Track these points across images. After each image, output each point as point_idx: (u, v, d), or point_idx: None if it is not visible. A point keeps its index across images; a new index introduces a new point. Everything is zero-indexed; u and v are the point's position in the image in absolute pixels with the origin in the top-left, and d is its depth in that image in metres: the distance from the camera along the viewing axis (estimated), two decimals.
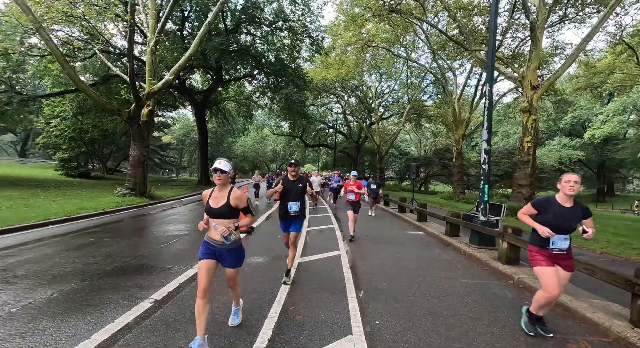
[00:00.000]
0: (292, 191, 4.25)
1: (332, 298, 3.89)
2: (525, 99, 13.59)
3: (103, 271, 4.62)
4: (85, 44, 16.29)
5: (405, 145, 54.21)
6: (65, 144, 22.77)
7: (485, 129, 6.44)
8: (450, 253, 6.46)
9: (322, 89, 32.42)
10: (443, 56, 24.66)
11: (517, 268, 5.06)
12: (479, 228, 6.29)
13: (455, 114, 24.40)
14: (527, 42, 18.59)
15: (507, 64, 15.33)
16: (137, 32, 18.89)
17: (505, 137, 47.13)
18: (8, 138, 44.87)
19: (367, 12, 19.70)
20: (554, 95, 23.65)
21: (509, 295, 4.16)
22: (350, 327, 3.14)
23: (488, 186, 6.46)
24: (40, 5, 11.72)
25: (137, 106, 13.83)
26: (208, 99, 26.76)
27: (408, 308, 3.66)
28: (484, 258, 5.67)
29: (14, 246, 5.96)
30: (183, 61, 14.27)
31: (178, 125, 53.01)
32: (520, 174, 13.79)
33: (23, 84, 18.00)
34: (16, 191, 13.29)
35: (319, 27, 23.93)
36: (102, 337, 2.81)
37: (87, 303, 3.51)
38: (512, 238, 5.08)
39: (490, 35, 6.47)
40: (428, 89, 34.82)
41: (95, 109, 20.36)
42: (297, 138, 42.60)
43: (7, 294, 3.70)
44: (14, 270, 4.58)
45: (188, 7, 20.85)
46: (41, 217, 8.30)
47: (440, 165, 36.11)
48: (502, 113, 35.86)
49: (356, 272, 4.96)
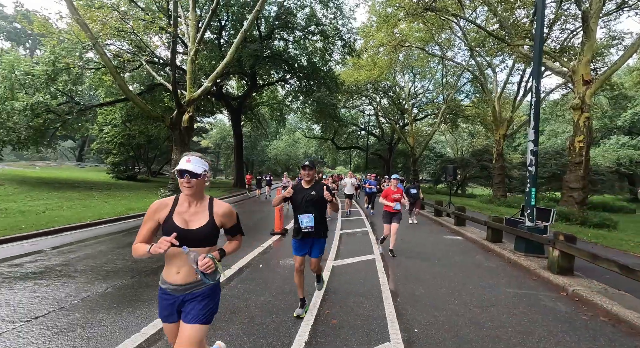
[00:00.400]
0: (303, 200, 3.27)
1: (368, 303, 3.82)
2: (576, 96, 12.53)
3: (150, 269, 4.92)
4: (133, 56, 17.62)
5: (440, 146, 52.26)
6: (116, 149, 24.72)
7: (531, 128, 6.01)
8: (493, 260, 6.09)
9: (353, 91, 32.25)
10: (482, 53, 23.49)
11: (571, 278, 4.64)
12: (525, 235, 5.87)
13: (495, 113, 23.11)
14: (577, 34, 17.16)
15: (554, 58, 14.24)
16: (179, 42, 20.08)
17: (552, 136, 43.79)
18: (68, 144, 49.58)
19: (400, 12, 19.33)
20: (610, 90, 21.58)
21: (562, 308, 3.82)
22: (387, 334, 3.06)
23: (535, 189, 6.02)
24: (97, 23, 12.87)
25: (178, 112, 14.67)
26: (243, 104, 27.70)
27: (448, 316, 3.50)
28: (531, 267, 5.27)
29: (73, 243, 6.55)
30: (221, 69, 14.92)
31: (215, 130, 55.44)
32: (571, 177, 12.71)
33: (81, 95, 19.82)
34: (75, 193, 14.61)
35: (350, 30, 23.90)
36: (150, 331, 2.99)
37: (137, 299, 3.75)
38: (564, 246, 4.68)
39: (537, 27, 6.05)
40: (465, 88, 33.34)
41: (142, 116, 21.89)
42: (328, 141, 42.68)
43: (69, 287, 4.06)
44: (75, 264, 5.02)
45: (225, 17, 21.78)
46: (96, 217, 9.05)
47: (478, 167, 34.30)
48: (548, 111, 33.36)
49: (392, 277, 4.84)
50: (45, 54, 15.26)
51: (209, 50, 21.91)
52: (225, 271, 4.90)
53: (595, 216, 11.76)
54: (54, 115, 15.53)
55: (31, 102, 14.11)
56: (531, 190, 6.05)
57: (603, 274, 4.94)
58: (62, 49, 14.93)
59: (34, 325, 3.04)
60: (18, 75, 14.26)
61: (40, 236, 6.87)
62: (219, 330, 3.03)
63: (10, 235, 6.49)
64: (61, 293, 3.85)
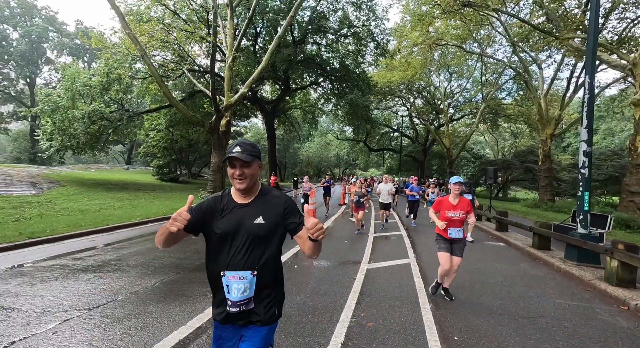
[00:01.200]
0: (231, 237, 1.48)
1: (404, 307, 3.75)
2: (637, 90, 11.37)
3: (193, 266, 5.21)
4: (176, 65, 18.79)
5: (479, 148, 49.80)
6: (160, 153, 26.43)
7: (584, 128, 5.56)
8: (540, 269, 5.70)
9: (386, 92, 31.77)
10: (525, 48, 22.09)
11: (634, 291, 4.21)
12: (578, 242, 5.43)
13: (541, 111, 21.60)
14: (639, 23, 15.58)
15: (611, 50, 13.04)
16: (217, 50, 21.09)
17: (608, 135, 40.03)
18: (118, 148, 53.86)
19: (435, 10, 18.78)
20: None
21: (623, 324, 3.48)
22: (426, 341, 2.98)
23: (589, 193, 5.55)
24: (145, 36, 13.91)
25: (217, 117, 15.38)
26: (277, 108, 28.39)
27: (491, 326, 3.33)
28: (585, 278, 4.86)
29: (124, 240, 7.10)
30: (256, 74, 15.43)
31: (250, 133, 57.29)
32: (632, 180, 11.54)
33: (130, 103, 21.50)
34: (124, 193, 15.83)
35: (383, 31, 23.65)
36: (195, 324, 3.17)
37: (182, 294, 4.00)
38: (625, 256, 4.26)
39: (591, 17, 5.60)
40: (506, 86, 31.50)
41: (183, 121, 23.22)
42: (360, 143, 42.39)
43: (123, 280, 4.42)
44: (127, 260, 5.45)
45: (260, 24, 22.52)
46: (144, 216, 9.74)
47: (522, 169, 32.20)
48: (603, 108, 30.50)
49: (428, 282, 4.70)
50: (100, 66, 16.76)
51: (245, 56, 22.76)
52: None
53: None
54: (107, 122, 16.98)
55: (89, 111, 15.55)
56: (584, 194, 5.59)
57: None
58: (114, 61, 16.31)
59: (95, 313, 3.36)
60: (78, 86, 15.78)
61: (97, 233, 7.54)
62: None
63: (73, 231, 7.20)
64: (117, 285, 4.20)
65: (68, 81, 15.69)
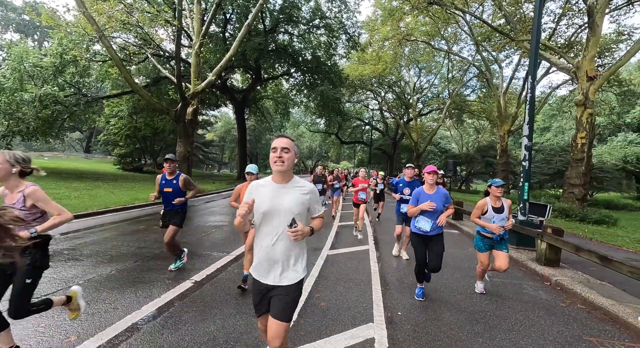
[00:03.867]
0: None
1: (357, 288, 4.01)
2: (580, 92, 12.46)
3: (152, 254, 5.16)
4: (139, 48, 17.81)
5: (445, 142, 52.01)
6: (122, 141, 25.12)
7: (526, 124, 6.09)
8: None
9: (358, 85, 32.15)
10: (488, 48, 23.26)
11: (557, 270, 4.78)
12: (517, 228, 6.00)
13: (500, 109, 22.97)
14: (585, 29, 16.93)
15: (560, 54, 14.12)
16: (184, 35, 20.22)
17: (559, 133, 43.29)
18: (75, 135, 50.35)
19: (405, 5, 19.21)
20: (619, 86, 21.27)
21: (543, 297, 3.98)
22: (372, 316, 3.24)
23: (528, 184, 6.12)
24: (103, 16, 13.06)
25: (183, 105, 14.87)
26: (247, 97, 27.84)
27: (432, 302, 3.68)
28: (520, 259, 5.42)
29: (80, 230, 6.82)
30: (224, 62, 15.05)
31: (220, 123, 55.74)
32: (572, 173, 12.71)
33: (88, 87, 20.15)
34: (82, 183, 14.97)
35: (355, 23, 23.79)
36: (150, 309, 3.21)
37: (139, 281, 3.99)
38: (551, 239, 4.81)
39: (535, 24, 6.08)
40: (471, 83, 33.05)
41: (147, 108, 22.17)
42: (332, 135, 42.74)
43: (76, 269, 4.31)
44: (81, 249, 5.28)
45: (230, 10, 21.82)
46: (102, 206, 9.34)
47: (483, 163, 34.19)
48: (556, 107, 32.95)
49: (384, 266, 5.02)
50: (53, 46, 15.53)
51: (214, 43, 22.01)
52: (223, 258, 5.13)
53: (595, 213, 11.78)
54: (61, 106, 15.85)
55: (40, 94, 14.42)
56: (524, 185, 6.16)
57: (590, 267, 5.07)
58: (69, 41, 15.17)
59: None
60: (27, 67, 14.55)
61: None
62: (214, 308, 3.25)
63: None
64: (68, 274, 4.09)
65: (15, 60, 14.42)
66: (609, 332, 3.08)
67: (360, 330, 2.93)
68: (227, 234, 6.95)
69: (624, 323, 3.14)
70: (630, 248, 7.10)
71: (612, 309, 3.33)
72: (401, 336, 2.88)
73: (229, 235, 6.81)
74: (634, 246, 7.23)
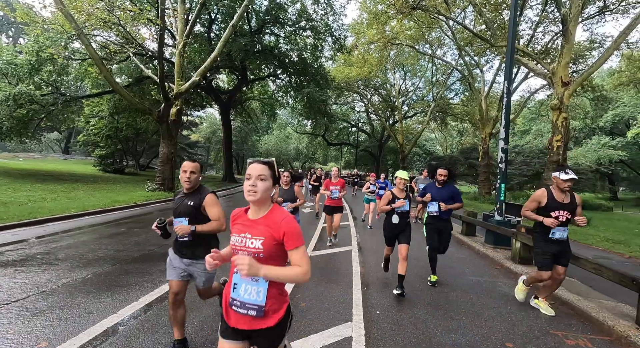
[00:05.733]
0: None
1: (338, 288, 4.06)
2: (555, 97, 12.96)
3: (131, 258, 5.06)
4: (121, 47, 17.38)
5: (430, 144, 52.96)
6: (103, 142, 24.38)
7: (502, 127, 6.32)
8: (463, 252, 6.41)
9: (344, 87, 32.40)
10: (470, 52, 23.90)
11: (530, 267, 4.96)
12: (494, 228, 6.20)
13: (482, 112, 23.61)
14: (560, 36, 17.65)
15: (536, 60, 14.65)
16: (168, 35, 19.88)
17: (538, 136, 44.74)
18: (53, 136, 48.58)
19: (390, 9, 19.53)
20: (592, 91, 22.23)
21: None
22: (351, 315, 3.30)
23: (504, 185, 6.34)
24: (82, 13, 12.70)
25: (166, 105, 14.62)
26: (233, 98, 27.60)
27: (410, 300, 3.76)
28: (497, 258, 5.60)
29: (56, 233, 6.62)
30: (209, 62, 14.89)
31: (205, 124, 54.95)
32: (548, 175, 13.17)
33: (66, 86, 19.51)
34: (60, 185, 14.49)
35: (341, 26, 23.99)
36: (127, 312, 3.16)
37: (116, 284, 3.91)
38: (524, 238, 5.00)
39: (510, 29, 6.33)
40: (454, 87, 33.87)
41: (130, 108, 21.63)
42: (319, 137, 42.84)
43: (50, 273, 4.19)
44: (56, 253, 5.13)
45: (215, 10, 21.61)
46: (80, 208, 9.07)
47: (466, 165, 35.02)
48: (534, 111, 34.11)
49: (366, 266, 5.09)
50: (29, 43, 15.00)
51: (199, 43, 21.74)
52: None
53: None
54: (38, 106, 15.31)
55: (14, 93, 13.88)
56: (501, 186, 6.37)
57: None
58: (46, 38, 14.68)
59: (13, 307, 3.18)
60: (0, 64, 13.99)
61: (21, 226, 6.91)
62: (193, 311, 3.23)
63: None
64: (41, 279, 3.97)
65: None
66: (573, 326, 3.24)
67: (338, 329, 2.98)
68: None
69: (587, 317, 3.31)
70: (600, 246, 7.45)
71: (578, 304, 3.50)
72: (378, 334, 2.94)
73: None
74: (603, 245, 7.59)
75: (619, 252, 7.22)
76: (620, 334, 2.86)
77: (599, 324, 3.14)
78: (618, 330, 2.90)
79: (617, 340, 2.89)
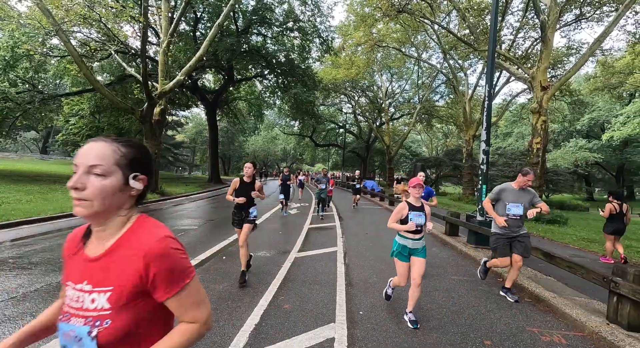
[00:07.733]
0: None
1: (322, 290, 4.05)
2: (534, 100, 13.38)
3: None
4: (102, 45, 16.90)
5: (416, 146, 53.76)
6: (83, 142, 23.66)
7: (484, 130, 6.47)
8: (447, 252, 6.53)
9: (331, 89, 32.53)
10: (454, 56, 24.41)
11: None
12: (475, 228, 6.33)
13: (466, 114, 24.14)
14: (540, 42, 18.27)
15: (517, 64, 15.11)
16: (152, 33, 19.46)
17: (520, 138, 46.08)
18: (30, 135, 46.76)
19: (377, 12, 19.73)
20: (570, 96, 23.07)
21: (495, 292, 4.23)
22: (334, 316, 3.30)
23: (486, 186, 6.49)
24: (60, 8, 12.29)
25: (149, 105, 14.30)
26: (219, 98, 27.27)
27: (394, 301, 3.79)
28: (478, 258, 5.72)
29: (30, 236, 6.36)
30: (194, 62, 14.67)
31: (191, 124, 54.09)
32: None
33: (44, 84, 18.84)
34: (36, 186, 13.95)
35: (329, 28, 24.08)
36: None
37: None
38: None
39: (491, 34, 6.50)
40: (440, 89, 34.53)
41: (111, 108, 21.07)
42: (307, 138, 42.82)
43: (22, 278, 4.02)
44: (30, 257, 4.93)
45: (201, 8, 21.32)
46: (58, 210, 8.75)
47: (451, 166, 35.70)
48: (516, 114, 35.12)
49: (350, 267, 5.10)
50: (3, 39, 14.39)
51: (184, 42, 21.39)
52: None
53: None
54: (13, 104, 14.71)
55: None
56: (482, 187, 6.52)
57: (539, 263, 5.44)
58: (22, 34, 14.12)
59: None
60: None
61: None
62: None
63: None
64: (12, 284, 3.81)
65: None
66: (549, 323, 3.34)
67: (321, 331, 2.98)
68: (194, 238, 6.77)
69: (562, 314, 3.42)
70: (576, 245, 7.72)
71: (553, 301, 3.61)
72: (360, 334, 2.95)
73: (196, 240, 6.64)
74: (579, 244, 7.87)
75: (593, 251, 7.50)
76: (591, 330, 2.97)
77: (572, 320, 3.25)
78: (590, 326, 3.01)
79: (589, 335, 3.00)
